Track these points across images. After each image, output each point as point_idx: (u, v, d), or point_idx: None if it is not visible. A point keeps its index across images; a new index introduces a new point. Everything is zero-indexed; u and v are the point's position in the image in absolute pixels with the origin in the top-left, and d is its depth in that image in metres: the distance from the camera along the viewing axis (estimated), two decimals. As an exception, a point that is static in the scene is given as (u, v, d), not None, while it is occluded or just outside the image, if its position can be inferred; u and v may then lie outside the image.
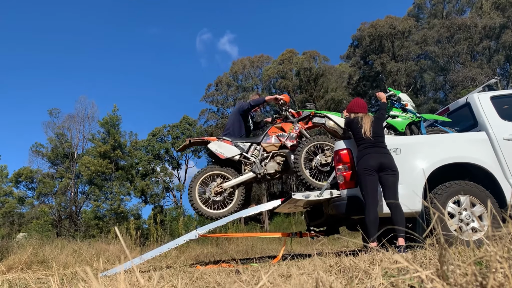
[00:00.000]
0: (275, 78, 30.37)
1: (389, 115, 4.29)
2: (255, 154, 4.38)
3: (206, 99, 33.28)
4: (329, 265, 2.05)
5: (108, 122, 25.95)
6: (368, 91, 31.00)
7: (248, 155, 4.36)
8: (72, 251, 5.93)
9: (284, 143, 4.28)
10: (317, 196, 3.75)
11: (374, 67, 29.06)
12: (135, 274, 1.17)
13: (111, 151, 25.59)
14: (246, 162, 4.34)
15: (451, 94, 24.24)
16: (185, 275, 2.59)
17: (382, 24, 28.71)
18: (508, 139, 3.61)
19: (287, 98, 4.60)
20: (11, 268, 4.41)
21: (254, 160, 4.33)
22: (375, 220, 3.24)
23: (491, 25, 24.70)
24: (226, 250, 7.76)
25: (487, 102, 3.88)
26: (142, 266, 4.95)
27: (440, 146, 3.62)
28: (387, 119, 4.28)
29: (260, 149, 4.39)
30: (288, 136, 4.30)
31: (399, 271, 1.38)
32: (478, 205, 3.34)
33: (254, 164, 4.30)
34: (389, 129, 4.28)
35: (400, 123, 4.22)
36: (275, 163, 4.32)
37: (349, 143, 3.65)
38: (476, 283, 0.86)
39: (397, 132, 4.24)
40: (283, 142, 4.29)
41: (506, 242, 1.14)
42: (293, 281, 1.25)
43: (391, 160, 3.39)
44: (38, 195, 26.42)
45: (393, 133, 4.26)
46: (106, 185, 25.93)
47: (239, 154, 4.34)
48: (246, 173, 4.29)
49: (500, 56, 24.53)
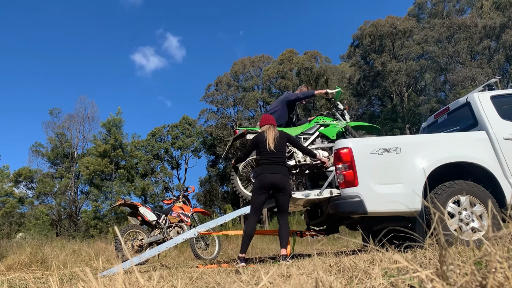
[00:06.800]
0: (275, 78, 30.37)
1: (321, 124, 4.44)
2: (163, 222, 6.08)
3: (206, 99, 33.27)
4: (329, 265, 2.05)
5: (111, 123, 25.98)
6: (369, 91, 31.00)
7: (160, 221, 6.05)
8: (72, 251, 5.94)
9: (182, 219, 6.23)
10: (316, 195, 3.75)
11: (375, 66, 29.06)
12: (135, 274, 1.17)
13: (111, 151, 25.58)
14: (158, 226, 6.01)
15: (451, 94, 24.24)
16: (185, 275, 2.59)
17: (383, 23, 28.72)
18: (508, 138, 3.61)
19: None
20: (11, 268, 4.41)
21: (163, 226, 6.01)
22: (249, 236, 3.59)
23: (491, 25, 24.69)
24: (226, 250, 7.76)
25: (487, 102, 3.88)
26: (142, 266, 4.95)
27: (440, 145, 3.62)
28: (319, 129, 4.40)
29: (167, 219, 6.14)
30: (185, 215, 6.31)
31: (399, 271, 1.38)
32: (478, 205, 3.34)
33: (163, 229, 5.98)
34: (322, 138, 4.41)
35: (331, 130, 4.38)
36: (175, 231, 6.09)
37: (350, 142, 3.64)
38: (476, 283, 0.86)
39: (329, 140, 4.38)
40: (182, 217, 6.25)
41: (506, 242, 1.13)
42: (293, 281, 1.25)
43: (284, 181, 3.59)
44: (37, 195, 26.41)
45: (326, 141, 4.39)
46: (105, 185, 25.92)
47: (155, 220, 5.99)
48: (156, 235, 5.89)
49: (500, 56, 24.52)
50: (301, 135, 4.39)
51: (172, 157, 32.77)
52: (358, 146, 3.58)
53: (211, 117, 32.72)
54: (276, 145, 3.66)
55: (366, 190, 3.42)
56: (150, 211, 6.04)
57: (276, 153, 3.65)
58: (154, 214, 6.03)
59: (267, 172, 3.59)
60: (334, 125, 4.42)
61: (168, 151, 32.12)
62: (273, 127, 3.78)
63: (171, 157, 32.75)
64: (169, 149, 31.94)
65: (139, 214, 5.94)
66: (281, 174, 3.60)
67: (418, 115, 26.71)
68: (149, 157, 30.52)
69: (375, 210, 3.39)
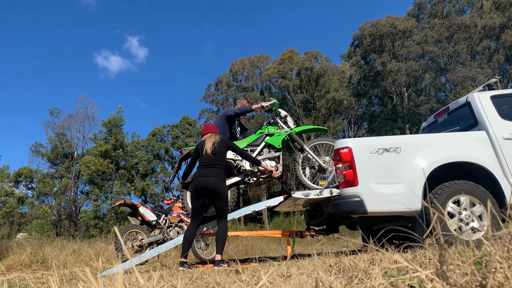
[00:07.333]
0: (275, 78, 30.36)
1: (266, 134, 4.45)
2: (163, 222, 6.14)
3: (206, 99, 33.30)
4: (329, 265, 2.05)
5: (111, 122, 25.97)
6: (369, 91, 30.99)
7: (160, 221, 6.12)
8: (72, 251, 5.94)
9: (182, 219, 6.23)
10: (316, 194, 3.75)
11: (375, 66, 29.05)
12: (135, 274, 1.17)
13: (112, 151, 25.59)
14: (158, 226, 6.07)
15: (451, 94, 24.23)
16: (185, 275, 2.59)
17: (383, 23, 28.72)
18: (508, 138, 3.61)
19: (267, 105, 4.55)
20: (11, 268, 4.42)
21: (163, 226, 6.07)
22: (187, 240, 3.64)
23: (491, 25, 24.69)
24: (225, 250, 7.76)
25: (487, 102, 3.87)
26: (142, 266, 4.95)
27: (440, 145, 3.62)
28: (265, 139, 4.40)
29: (167, 219, 6.19)
30: (185, 215, 6.13)
31: (399, 271, 1.38)
32: (478, 205, 3.33)
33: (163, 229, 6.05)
34: (269, 148, 4.41)
35: (275, 139, 4.38)
36: (175, 231, 6.16)
37: (350, 141, 3.64)
38: (476, 283, 0.86)
39: (275, 149, 4.37)
40: (182, 217, 6.22)
41: (506, 242, 1.13)
42: (293, 281, 1.25)
43: (218, 184, 3.57)
44: (38, 195, 26.41)
45: (273, 151, 4.38)
46: (106, 185, 25.92)
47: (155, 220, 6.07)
48: (156, 234, 5.98)
49: (500, 56, 24.51)
50: (247, 147, 4.38)
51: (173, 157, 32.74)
52: (358, 146, 3.58)
53: (211, 117, 32.73)
54: (214, 149, 3.69)
55: (366, 189, 3.42)
56: (150, 211, 6.08)
57: (212, 157, 3.67)
58: (154, 214, 6.07)
59: (201, 175, 3.61)
60: (278, 134, 4.41)
61: (168, 151, 32.11)
62: (214, 135, 3.85)
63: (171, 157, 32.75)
64: (169, 149, 31.93)
65: (139, 214, 5.97)
66: (215, 177, 3.59)
67: (418, 115, 26.71)
68: (150, 157, 30.51)
69: (375, 210, 3.39)
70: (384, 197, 3.39)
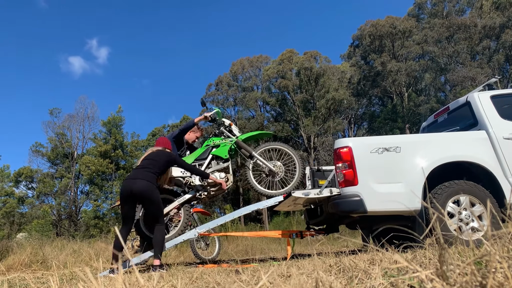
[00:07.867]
0: (274, 78, 30.36)
1: (212, 146, 4.40)
2: None
3: (206, 99, 33.24)
4: (329, 265, 2.05)
5: (111, 122, 25.97)
6: (369, 91, 30.99)
7: None
8: (72, 251, 5.94)
9: None
10: (316, 194, 3.75)
11: (375, 66, 29.05)
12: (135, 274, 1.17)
13: (112, 151, 25.58)
14: None
15: (451, 94, 24.23)
16: (185, 275, 2.59)
17: (383, 23, 28.72)
18: (508, 138, 3.61)
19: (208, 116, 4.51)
20: (11, 268, 4.42)
21: None
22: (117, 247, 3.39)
23: (491, 25, 24.69)
24: (226, 250, 7.76)
25: (487, 101, 3.87)
26: (142, 266, 4.95)
27: (440, 144, 3.62)
28: (212, 151, 4.36)
29: None
30: None
31: (399, 271, 1.38)
32: (477, 204, 3.33)
33: None
34: (216, 160, 4.38)
35: (222, 150, 4.34)
36: None
37: (350, 141, 3.64)
38: (476, 283, 0.86)
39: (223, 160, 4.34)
40: None
41: (506, 242, 1.13)
42: (293, 281, 1.25)
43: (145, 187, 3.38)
44: (38, 195, 26.41)
45: (221, 162, 4.34)
46: (106, 185, 25.92)
47: None
48: None
49: (500, 56, 24.51)
50: (195, 162, 4.34)
51: (172, 157, 32.74)
52: (358, 145, 3.58)
53: (211, 117, 32.67)
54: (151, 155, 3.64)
55: (366, 189, 3.42)
56: None
57: (147, 161, 3.60)
58: None
59: (127, 178, 3.52)
60: (224, 144, 4.36)
61: (168, 151, 32.09)
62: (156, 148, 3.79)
63: (171, 157, 32.73)
64: (169, 149, 31.91)
65: None
66: (141, 179, 3.43)
67: (418, 115, 26.71)
68: (149, 157, 30.51)
69: (375, 209, 3.39)
70: (384, 196, 3.39)
